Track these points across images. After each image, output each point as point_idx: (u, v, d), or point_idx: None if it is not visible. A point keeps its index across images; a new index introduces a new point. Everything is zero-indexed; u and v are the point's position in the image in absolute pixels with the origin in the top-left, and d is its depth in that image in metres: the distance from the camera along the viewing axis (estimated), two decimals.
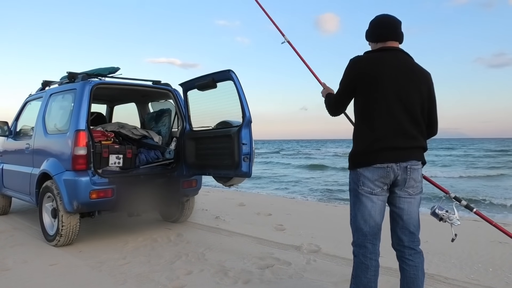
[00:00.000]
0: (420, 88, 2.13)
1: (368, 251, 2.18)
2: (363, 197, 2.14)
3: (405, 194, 2.14)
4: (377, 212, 2.15)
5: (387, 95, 2.09)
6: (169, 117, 5.28)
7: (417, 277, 2.16)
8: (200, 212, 6.13)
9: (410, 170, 2.10)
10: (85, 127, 4.00)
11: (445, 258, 3.80)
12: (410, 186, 2.13)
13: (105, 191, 4.02)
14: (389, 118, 2.09)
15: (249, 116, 3.89)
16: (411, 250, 2.18)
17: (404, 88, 2.10)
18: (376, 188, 2.11)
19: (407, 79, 2.12)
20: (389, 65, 2.12)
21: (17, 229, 5.05)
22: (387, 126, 2.09)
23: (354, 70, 2.18)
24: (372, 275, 2.18)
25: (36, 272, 3.44)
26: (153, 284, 3.14)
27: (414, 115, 2.11)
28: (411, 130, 2.11)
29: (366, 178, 2.12)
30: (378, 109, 2.10)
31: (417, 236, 2.20)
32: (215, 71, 4.11)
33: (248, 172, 3.92)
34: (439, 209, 2.26)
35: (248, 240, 4.51)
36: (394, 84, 2.09)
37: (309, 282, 3.17)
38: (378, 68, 2.12)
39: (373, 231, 2.17)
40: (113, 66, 4.72)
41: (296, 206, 7.19)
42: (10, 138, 5.51)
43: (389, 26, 2.22)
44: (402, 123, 2.09)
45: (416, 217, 2.18)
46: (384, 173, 2.09)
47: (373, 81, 2.11)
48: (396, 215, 2.18)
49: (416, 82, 2.13)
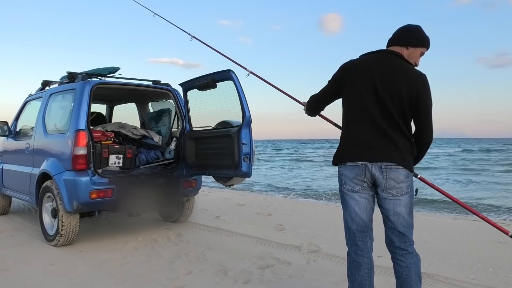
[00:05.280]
0: (402, 89, 2.07)
1: (359, 249, 2.22)
2: (347, 196, 2.21)
3: (387, 195, 2.12)
4: (362, 209, 2.18)
5: (363, 94, 2.14)
6: (169, 117, 5.29)
7: (409, 277, 2.15)
8: (200, 212, 6.14)
9: (386, 170, 2.08)
10: (85, 127, 4.00)
11: (444, 258, 3.80)
12: (391, 187, 2.10)
13: (105, 191, 4.02)
14: (365, 117, 2.14)
15: (249, 116, 3.89)
16: (402, 250, 2.17)
17: (382, 88, 2.10)
18: (356, 186, 2.16)
19: (387, 80, 2.10)
20: (370, 65, 2.17)
21: (17, 229, 5.05)
22: (361, 125, 2.15)
23: (337, 73, 2.31)
24: (365, 272, 2.20)
25: (36, 272, 3.44)
26: (153, 284, 3.14)
27: (391, 116, 2.09)
28: (387, 130, 2.10)
29: (346, 177, 2.20)
30: (354, 108, 2.19)
31: (408, 237, 2.16)
32: (215, 71, 4.11)
33: (248, 172, 3.93)
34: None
35: (248, 240, 4.52)
36: (371, 84, 2.12)
37: (309, 282, 3.17)
38: (358, 70, 2.19)
39: (361, 229, 2.20)
40: (113, 66, 4.72)
41: (296, 206, 7.19)
42: (10, 138, 5.50)
43: (402, 31, 2.22)
44: (377, 123, 2.11)
45: (405, 217, 2.14)
46: (359, 171, 2.14)
47: (351, 82, 2.20)
48: (384, 216, 2.19)
49: (398, 83, 2.08)
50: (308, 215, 6.09)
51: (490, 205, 9.27)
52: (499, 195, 11.18)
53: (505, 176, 17.15)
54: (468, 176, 17.22)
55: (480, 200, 10.03)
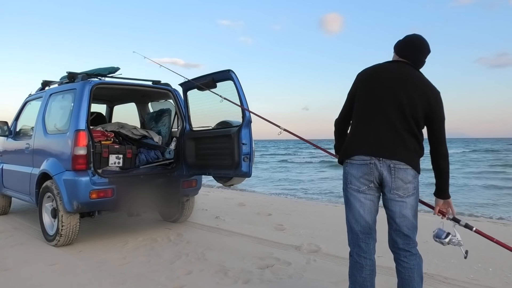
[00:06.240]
0: (418, 95, 2.09)
1: (361, 251, 2.21)
2: (351, 196, 2.19)
3: (394, 196, 2.11)
4: (367, 211, 2.16)
5: (380, 95, 2.15)
6: (169, 117, 5.29)
7: (412, 279, 2.15)
8: (200, 212, 6.14)
9: (395, 169, 2.07)
10: (85, 127, 4.00)
11: (444, 258, 3.80)
12: (399, 187, 2.09)
13: (105, 191, 4.02)
14: (378, 117, 2.14)
15: (249, 116, 3.89)
16: (406, 252, 2.16)
17: (395, 91, 2.11)
18: (362, 186, 2.14)
19: (400, 84, 2.12)
20: (385, 71, 2.21)
21: (17, 229, 5.05)
22: (374, 122, 2.15)
23: (354, 82, 2.32)
24: (367, 274, 2.20)
25: (36, 272, 3.44)
26: (153, 284, 3.14)
27: (405, 117, 2.09)
28: (399, 129, 2.10)
29: (352, 176, 2.17)
30: (367, 108, 2.19)
31: (412, 239, 2.16)
32: (215, 71, 4.11)
33: (248, 172, 3.93)
34: (439, 236, 2.21)
35: (248, 240, 4.52)
36: (384, 87, 2.14)
37: (309, 282, 3.17)
38: (372, 75, 2.23)
39: (364, 231, 2.19)
40: (113, 66, 4.72)
41: (296, 206, 7.19)
42: (10, 138, 5.50)
43: (412, 46, 2.23)
44: (392, 122, 2.10)
45: (410, 220, 2.14)
46: (367, 170, 2.12)
47: (364, 85, 2.23)
48: (389, 217, 2.18)
49: (415, 90, 2.10)
50: (308, 215, 6.09)
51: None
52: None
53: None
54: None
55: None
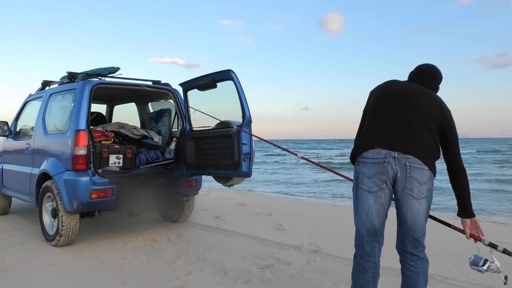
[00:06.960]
0: (433, 109, 2.11)
1: (365, 254, 2.16)
2: (361, 197, 2.14)
3: (408, 197, 2.04)
4: (375, 214, 2.11)
5: (392, 99, 2.18)
6: (169, 117, 5.29)
7: (417, 282, 2.12)
8: (200, 212, 6.14)
9: (410, 168, 2.02)
10: (85, 127, 4.00)
11: (444, 258, 3.80)
12: (413, 187, 2.03)
13: (105, 191, 4.02)
14: (394, 117, 2.14)
15: (249, 116, 3.89)
16: (413, 256, 2.13)
17: (411, 97, 2.15)
18: (374, 186, 2.08)
19: (416, 93, 2.16)
20: (400, 83, 2.27)
21: (17, 229, 5.05)
22: (389, 120, 2.14)
23: (368, 98, 2.36)
24: (370, 277, 2.16)
25: (36, 272, 3.44)
26: (153, 284, 3.14)
27: (424, 120, 2.09)
28: (416, 128, 2.09)
29: (364, 175, 2.12)
30: (381, 109, 2.20)
31: (421, 243, 2.13)
32: (215, 71, 4.11)
33: (248, 172, 3.93)
34: (476, 263, 2.23)
35: (248, 240, 4.52)
36: (401, 93, 2.18)
37: (309, 282, 3.17)
38: (387, 85, 2.28)
39: (370, 233, 2.14)
40: (113, 66, 4.72)
41: (296, 206, 7.19)
42: (10, 138, 5.50)
43: (428, 74, 2.29)
44: (409, 122, 2.10)
45: (422, 224, 2.10)
46: (381, 168, 2.06)
47: (379, 93, 2.26)
48: (400, 220, 2.13)
49: (427, 98, 2.14)
50: (308, 215, 6.09)
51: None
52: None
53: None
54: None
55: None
